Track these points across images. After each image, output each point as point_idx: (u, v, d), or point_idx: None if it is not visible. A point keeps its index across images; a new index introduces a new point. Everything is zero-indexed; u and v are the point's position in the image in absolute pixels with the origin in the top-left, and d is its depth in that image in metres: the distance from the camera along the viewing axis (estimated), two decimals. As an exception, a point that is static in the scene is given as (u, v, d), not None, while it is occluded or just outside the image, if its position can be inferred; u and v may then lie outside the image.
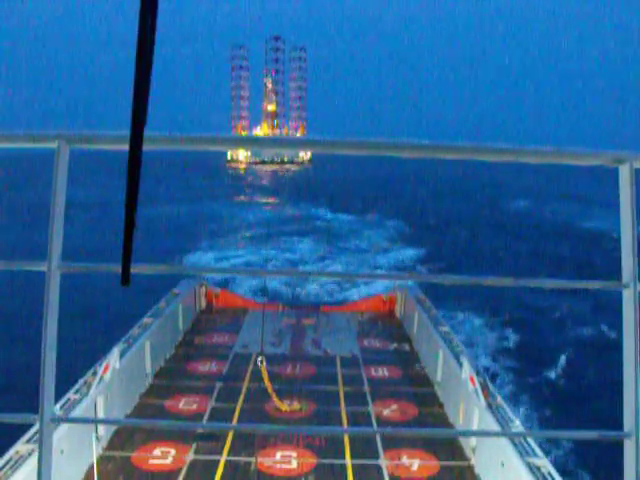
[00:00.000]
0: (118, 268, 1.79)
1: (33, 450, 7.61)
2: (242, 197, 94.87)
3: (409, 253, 47.56)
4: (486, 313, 28.91)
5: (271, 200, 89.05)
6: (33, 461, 7.41)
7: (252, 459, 9.43)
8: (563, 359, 23.39)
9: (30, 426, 8.09)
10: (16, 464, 7.38)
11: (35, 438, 7.86)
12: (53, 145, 2.28)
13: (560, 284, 2.57)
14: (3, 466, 7.33)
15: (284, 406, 11.43)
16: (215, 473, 9.08)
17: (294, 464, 9.46)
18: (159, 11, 1.51)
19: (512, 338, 25.83)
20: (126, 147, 1.66)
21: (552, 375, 21.99)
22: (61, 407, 8.98)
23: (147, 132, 1.64)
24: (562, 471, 7.79)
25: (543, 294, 31.39)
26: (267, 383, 11.58)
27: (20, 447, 7.73)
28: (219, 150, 2.46)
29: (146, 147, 1.68)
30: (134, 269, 1.80)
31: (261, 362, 11.77)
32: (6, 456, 7.55)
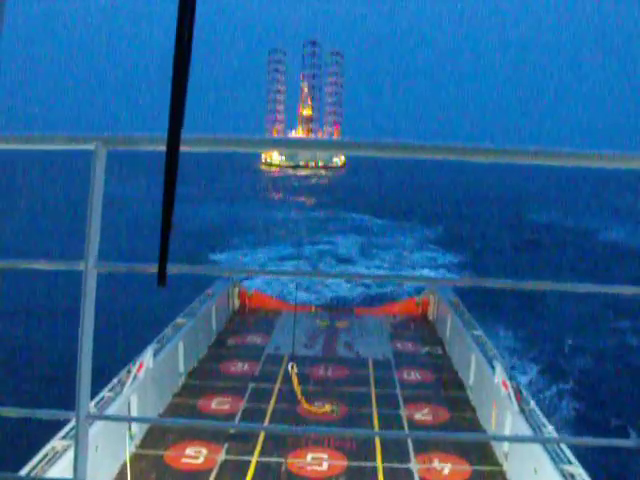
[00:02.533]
0: (154, 268, 1.80)
1: (69, 446, 7.74)
2: (277, 199, 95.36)
3: (442, 258, 47.48)
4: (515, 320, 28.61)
5: (307, 202, 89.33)
6: (68, 457, 7.53)
7: (283, 460, 9.46)
8: (600, 365, 23.03)
9: (65, 423, 8.23)
10: (52, 459, 7.52)
11: (70, 434, 7.99)
12: (91, 147, 2.31)
13: (595, 289, 2.53)
14: (40, 461, 7.48)
15: (313, 408, 11.45)
16: (246, 474, 9.12)
17: (325, 466, 9.45)
18: (197, 13, 1.52)
19: (545, 344, 25.49)
20: (162, 148, 1.67)
21: (585, 381, 21.64)
22: (96, 405, 9.11)
23: (184, 134, 1.64)
24: None
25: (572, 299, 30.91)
26: (296, 388, 11.62)
27: (56, 443, 7.87)
28: (254, 152, 2.47)
29: (183, 149, 1.69)
30: (170, 269, 1.81)
31: (292, 368, 11.83)
32: (42, 451, 7.69)
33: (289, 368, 11.93)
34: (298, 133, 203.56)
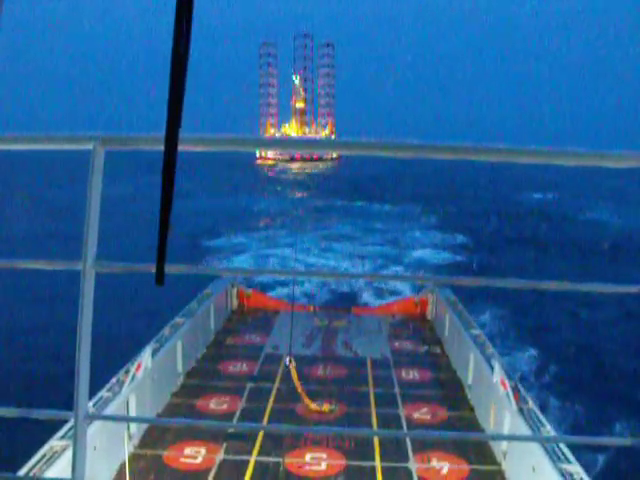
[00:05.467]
0: (152, 268, 1.80)
1: (67, 446, 7.73)
2: (273, 190, 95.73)
3: (441, 239, 48.32)
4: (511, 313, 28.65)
5: (303, 193, 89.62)
6: (67, 457, 7.52)
7: (281, 460, 9.45)
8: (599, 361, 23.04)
9: (63, 423, 8.22)
10: (51, 459, 7.51)
11: (69, 434, 7.98)
12: (89, 146, 2.30)
13: (596, 288, 2.51)
14: (38, 461, 7.46)
15: (313, 405, 11.43)
16: (245, 473, 9.12)
17: (323, 466, 9.45)
18: (194, 13, 1.51)
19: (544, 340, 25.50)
20: (160, 148, 1.66)
21: (588, 378, 21.65)
22: (94, 405, 9.10)
23: (181, 133, 1.64)
24: (595, 479, 7.65)
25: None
26: (296, 383, 11.58)
27: (54, 443, 7.86)
28: (251, 151, 2.46)
29: (180, 148, 1.69)
30: (168, 269, 1.81)
31: (290, 362, 11.77)
32: (41, 451, 7.68)
33: (287, 362, 11.82)
34: (291, 126, 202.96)
